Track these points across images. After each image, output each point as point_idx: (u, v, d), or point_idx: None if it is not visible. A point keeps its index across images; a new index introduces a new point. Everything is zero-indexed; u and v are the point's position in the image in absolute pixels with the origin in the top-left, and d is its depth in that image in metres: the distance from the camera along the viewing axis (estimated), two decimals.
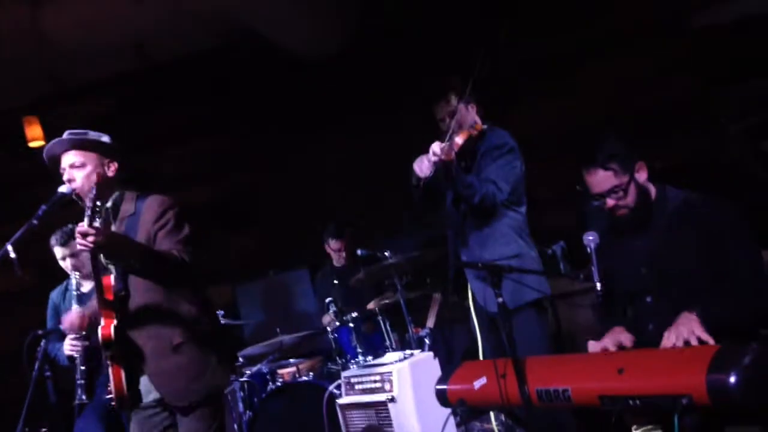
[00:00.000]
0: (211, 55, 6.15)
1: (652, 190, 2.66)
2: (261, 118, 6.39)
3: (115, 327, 2.66)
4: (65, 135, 2.81)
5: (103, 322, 2.66)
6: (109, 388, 2.78)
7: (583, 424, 2.74)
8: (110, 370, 2.71)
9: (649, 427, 3.23)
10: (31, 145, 5.97)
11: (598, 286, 2.50)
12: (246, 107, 6.44)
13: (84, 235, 2.48)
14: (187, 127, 6.64)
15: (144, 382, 2.78)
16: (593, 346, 2.56)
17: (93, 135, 2.84)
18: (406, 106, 4.85)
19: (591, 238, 2.57)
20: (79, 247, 2.53)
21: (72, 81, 6.17)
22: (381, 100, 5.93)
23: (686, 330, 2.27)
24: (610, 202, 2.60)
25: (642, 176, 2.63)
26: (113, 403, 2.76)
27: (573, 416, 3.07)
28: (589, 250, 2.56)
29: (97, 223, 2.52)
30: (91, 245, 2.49)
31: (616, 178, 2.57)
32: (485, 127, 3.36)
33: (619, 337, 2.50)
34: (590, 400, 2.19)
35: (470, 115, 3.35)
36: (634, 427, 2.64)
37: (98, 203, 2.51)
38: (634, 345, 2.49)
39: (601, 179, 2.58)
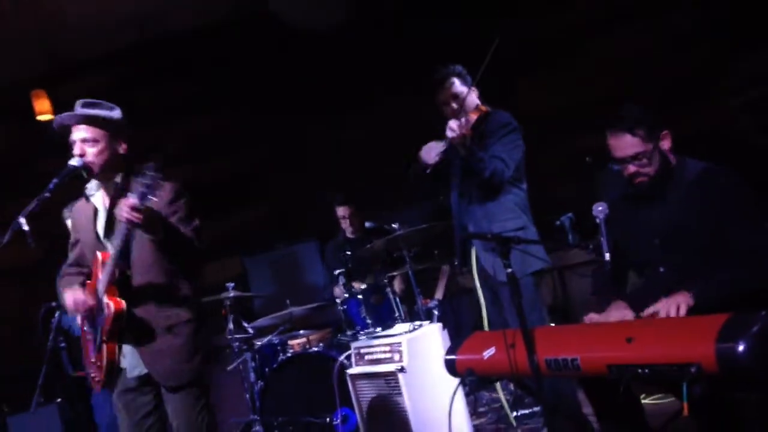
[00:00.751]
0: (216, 30, 6.12)
1: (673, 160, 2.65)
2: (266, 94, 6.37)
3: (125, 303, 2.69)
4: (78, 105, 2.78)
5: (106, 298, 2.68)
6: (92, 365, 2.81)
7: (592, 396, 2.75)
8: (104, 346, 2.72)
9: (658, 396, 3.28)
10: (39, 118, 5.99)
11: (607, 256, 2.50)
12: (250, 83, 6.42)
13: (134, 209, 2.50)
14: (192, 103, 6.62)
15: (130, 359, 2.80)
16: (593, 319, 2.57)
17: (105, 107, 2.82)
18: (412, 79, 4.82)
19: (600, 209, 2.56)
20: (123, 220, 2.53)
21: (74, 57, 6.17)
22: (385, 73, 5.90)
23: (674, 305, 2.31)
24: (632, 168, 2.60)
25: (665, 144, 2.62)
26: (97, 380, 2.80)
27: (580, 387, 3.10)
28: (598, 221, 2.55)
29: (149, 201, 2.52)
30: (137, 221, 2.51)
31: (642, 144, 2.57)
32: (488, 109, 3.49)
33: (621, 313, 2.50)
34: (599, 369, 2.20)
35: (473, 98, 3.46)
36: (643, 396, 2.66)
37: (149, 178, 2.48)
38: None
39: (627, 144, 2.58)
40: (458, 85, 3.45)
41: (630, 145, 2.57)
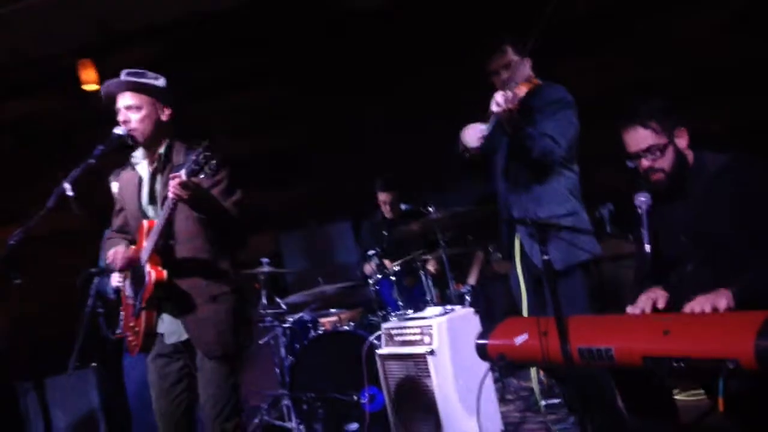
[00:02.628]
0: (261, 6, 6.13)
1: (690, 157, 2.59)
2: (309, 72, 6.37)
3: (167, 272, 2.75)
4: (123, 74, 2.83)
5: (149, 266, 2.74)
6: (131, 329, 2.88)
7: (623, 388, 2.72)
8: (143, 313, 2.79)
9: (692, 392, 3.23)
10: (86, 88, 6.08)
11: (648, 248, 2.46)
12: (292, 60, 6.43)
13: (183, 186, 2.54)
14: (235, 79, 6.66)
15: (168, 325, 2.86)
16: (631, 309, 2.53)
17: (150, 76, 2.86)
18: (454, 59, 4.79)
19: (643, 199, 2.53)
20: (171, 195, 2.57)
21: (122, 28, 6.23)
22: (427, 54, 5.85)
23: (714, 300, 2.25)
24: (645, 162, 2.55)
25: (682, 142, 2.56)
26: (134, 344, 2.87)
27: (612, 378, 3.07)
28: (639, 211, 2.52)
29: (200, 177, 2.56)
30: (185, 196, 2.57)
31: (654, 137, 2.52)
32: (540, 81, 3.26)
33: (654, 295, 2.46)
34: (633, 361, 2.18)
35: (526, 68, 3.25)
36: (677, 391, 2.63)
37: (202, 157, 2.51)
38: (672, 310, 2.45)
39: (640, 137, 2.54)
40: (511, 53, 3.22)
41: (642, 138, 2.53)
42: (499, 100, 2.98)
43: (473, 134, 3.12)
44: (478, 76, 3.40)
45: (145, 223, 2.85)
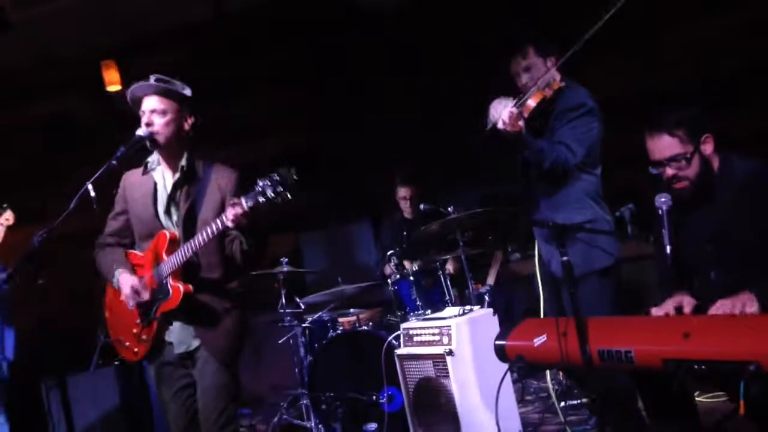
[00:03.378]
0: (286, 7, 6.16)
1: (716, 162, 2.56)
2: (327, 73, 6.40)
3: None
4: (152, 78, 2.85)
5: (171, 280, 2.78)
6: (133, 336, 2.91)
7: (644, 390, 2.70)
8: (155, 323, 2.84)
9: (712, 394, 3.20)
10: (109, 89, 6.16)
11: (668, 249, 2.44)
12: (313, 62, 6.46)
13: (244, 216, 2.57)
14: (257, 80, 6.70)
15: (178, 335, 2.89)
16: (656, 311, 2.51)
17: (178, 84, 2.88)
18: (472, 61, 4.78)
19: (663, 200, 2.50)
20: (230, 223, 2.59)
21: (148, 30, 6.30)
22: (446, 55, 5.84)
23: (740, 303, 2.22)
24: (670, 171, 2.52)
25: (708, 149, 2.53)
26: (134, 351, 2.91)
27: (633, 380, 3.04)
28: (660, 212, 2.49)
29: (251, 204, 2.56)
30: (242, 224, 2.60)
31: (680, 146, 2.49)
32: (563, 84, 3.11)
33: (680, 299, 2.43)
34: (653, 363, 2.16)
35: (548, 71, 3.10)
36: (697, 393, 2.60)
37: (272, 190, 2.51)
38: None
39: (665, 145, 2.51)
40: (533, 55, 3.12)
41: (668, 146, 2.50)
42: (504, 118, 2.91)
43: (498, 108, 3.01)
44: (498, 75, 3.38)
45: (167, 234, 2.83)
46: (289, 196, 2.53)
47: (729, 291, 2.32)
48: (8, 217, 4.42)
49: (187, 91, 2.90)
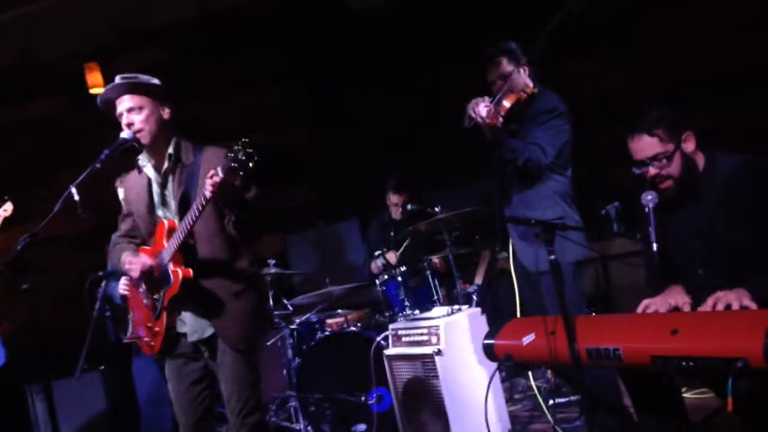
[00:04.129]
0: (270, 6, 6.14)
1: (701, 160, 2.58)
2: (314, 73, 6.38)
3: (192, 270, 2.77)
4: (117, 79, 2.84)
5: (172, 266, 2.75)
6: (148, 330, 2.88)
7: (631, 387, 2.71)
8: (164, 313, 2.81)
9: (700, 390, 3.22)
10: (92, 91, 6.11)
11: (655, 246, 2.45)
12: (299, 61, 6.45)
13: (221, 185, 2.54)
14: (242, 79, 6.68)
15: (190, 324, 2.87)
16: (647, 303, 2.51)
17: (143, 78, 2.86)
18: (456, 61, 4.79)
19: (650, 197, 2.51)
20: (208, 194, 2.57)
21: (131, 30, 6.26)
22: (430, 55, 5.85)
23: (733, 296, 2.23)
24: (652, 170, 2.54)
25: (689, 147, 2.55)
26: (151, 344, 2.88)
27: (620, 378, 3.06)
28: (647, 209, 2.50)
29: (237, 180, 2.59)
30: (222, 195, 2.59)
31: (660, 145, 2.51)
32: (536, 90, 3.34)
33: (677, 298, 2.44)
34: (641, 360, 2.17)
35: (521, 78, 3.32)
36: (685, 389, 2.61)
37: (242, 155, 2.49)
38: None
39: (645, 145, 2.52)
40: (506, 65, 3.35)
41: (648, 145, 2.52)
42: (481, 114, 3.10)
43: (477, 107, 3.16)
44: (484, 77, 3.43)
45: (165, 223, 2.84)
46: (256, 157, 2.52)
47: (718, 287, 2.32)
48: (6, 208, 4.33)
49: (155, 81, 2.88)
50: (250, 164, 2.50)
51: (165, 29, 6.33)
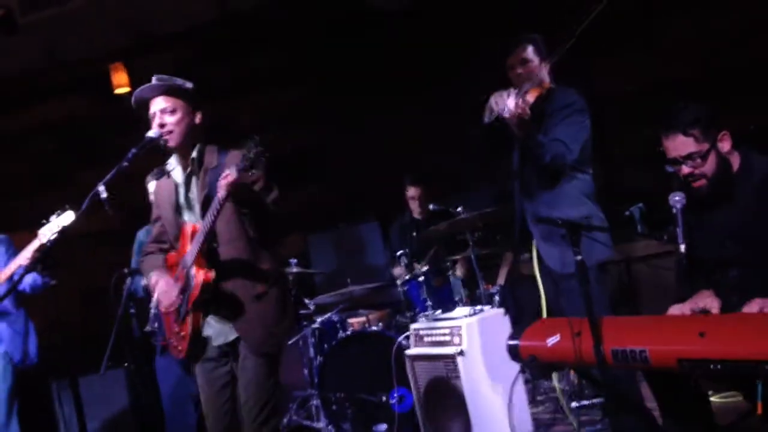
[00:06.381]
0: (292, 6, 6.17)
1: (736, 160, 2.55)
2: (335, 72, 6.39)
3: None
4: (154, 80, 2.86)
5: (194, 269, 2.76)
6: (175, 335, 2.89)
7: (657, 390, 2.68)
8: (188, 317, 2.81)
9: (728, 393, 3.18)
10: (117, 91, 6.17)
11: (682, 248, 2.42)
12: (319, 60, 6.46)
13: (235, 185, 2.57)
14: (263, 78, 6.71)
15: (215, 327, 2.88)
16: (676, 309, 2.49)
17: (179, 81, 2.89)
18: (478, 61, 4.76)
19: (677, 198, 2.49)
20: (222, 194, 2.59)
21: (153, 31, 6.32)
22: (454, 55, 5.83)
23: None
24: (686, 169, 2.51)
25: (725, 146, 2.52)
26: (179, 349, 2.88)
27: (645, 381, 3.03)
28: (674, 210, 2.48)
29: (250, 173, 2.60)
30: (237, 195, 2.61)
31: (695, 144, 2.48)
32: (553, 86, 3.27)
33: (706, 300, 2.41)
34: (668, 363, 2.15)
35: (543, 72, 3.25)
36: (711, 392, 2.58)
37: (253, 153, 2.52)
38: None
39: (680, 144, 2.50)
40: (531, 52, 3.29)
41: (683, 144, 2.49)
42: (510, 106, 3.02)
43: (502, 100, 3.11)
44: (505, 79, 3.40)
45: (188, 227, 2.86)
46: (266, 154, 2.54)
47: (753, 288, 2.30)
48: (66, 216, 4.32)
49: (189, 85, 2.91)
50: (262, 160, 2.52)
51: (185, 30, 6.38)
